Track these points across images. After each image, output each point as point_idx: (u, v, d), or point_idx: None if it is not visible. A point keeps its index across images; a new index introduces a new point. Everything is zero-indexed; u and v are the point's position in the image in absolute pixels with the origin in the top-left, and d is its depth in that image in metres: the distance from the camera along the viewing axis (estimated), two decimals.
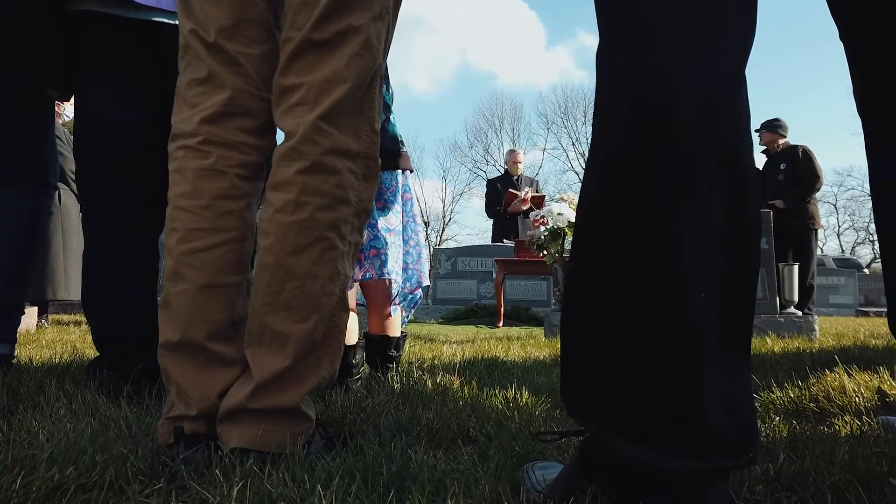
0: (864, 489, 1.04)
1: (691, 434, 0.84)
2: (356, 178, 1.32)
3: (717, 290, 0.86)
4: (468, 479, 1.06)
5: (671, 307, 0.85)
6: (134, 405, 1.68)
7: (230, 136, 1.32)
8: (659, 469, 0.83)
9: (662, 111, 0.88)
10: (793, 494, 1.07)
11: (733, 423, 0.85)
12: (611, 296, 0.89)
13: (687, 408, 0.84)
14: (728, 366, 0.87)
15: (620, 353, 0.88)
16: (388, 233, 2.21)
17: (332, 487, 0.97)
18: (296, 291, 1.25)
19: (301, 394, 1.25)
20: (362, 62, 1.30)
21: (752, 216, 0.91)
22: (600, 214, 0.92)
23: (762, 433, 1.49)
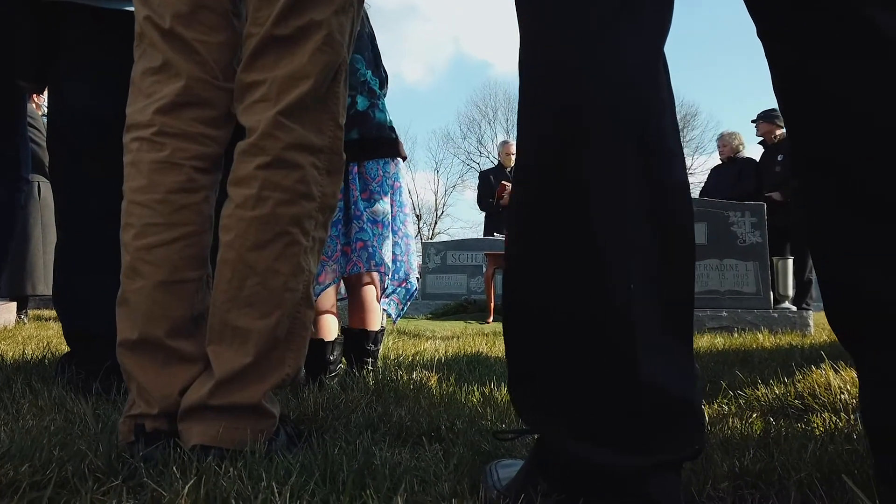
0: (828, 486, 1.05)
1: (630, 429, 0.85)
2: (319, 174, 1.33)
3: (648, 279, 0.88)
4: (428, 476, 1.07)
5: (600, 302, 0.87)
6: (102, 402, 1.69)
7: (186, 126, 1.32)
8: (601, 465, 0.84)
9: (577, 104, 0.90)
10: (757, 491, 1.08)
11: (675, 416, 0.87)
12: (543, 294, 0.91)
13: (624, 402, 0.85)
14: (667, 356, 0.88)
15: (557, 351, 0.89)
16: (375, 224, 2.21)
17: (289, 484, 0.98)
18: (257, 288, 1.26)
19: (263, 391, 1.26)
20: (325, 57, 1.31)
21: (677, 203, 0.92)
22: (527, 214, 0.94)
23: (737, 429, 1.51)
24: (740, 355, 3.19)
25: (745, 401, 2.00)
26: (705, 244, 5.52)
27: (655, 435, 0.86)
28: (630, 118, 0.90)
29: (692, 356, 0.95)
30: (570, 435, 0.87)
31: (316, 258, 1.36)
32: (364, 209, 2.20)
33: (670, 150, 0.94)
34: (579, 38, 0.92)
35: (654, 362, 0.86)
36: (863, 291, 0.96)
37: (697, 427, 0.90)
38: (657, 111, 0.93)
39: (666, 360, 0.88)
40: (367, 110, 2.20)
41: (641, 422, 0.85)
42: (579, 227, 0.88)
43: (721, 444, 1.35)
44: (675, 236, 0.93)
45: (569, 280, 0.89)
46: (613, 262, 0.87)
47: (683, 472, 1.14)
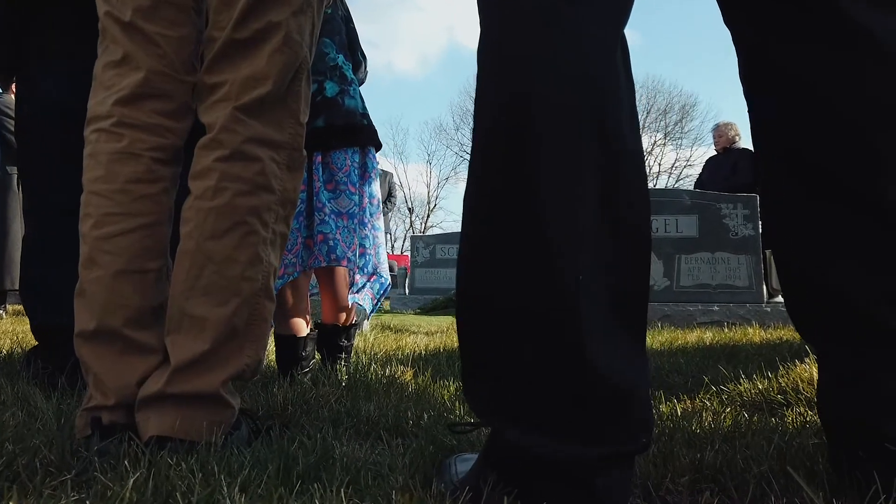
0: (786, 479, 1.07)
1: (575, 420, 0.86)
2: (279, 168, 1.37)
3: (599, 272, 0.89)
4: (384, 470, 1.09)
5: (549, 294, 0.88)
6: (67, 397, 1.70)
7: (145, 118, 1.34)
8: (545, 455, 0.86)
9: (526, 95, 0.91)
10: (716, 485, 1.10)
11: (621, 408, 0.88)
12: (494, 286, 0.92)
13: (570, 393, 0.87)
14: (616, 348, 0.89)
15: (506, 342, 0.90)
16: (339, 216, 2.20)
17: (239, 478, 1.00)
18: (214, 276, 1.29)
19: (220, 379, 1.27)
20: (283, 58, 1.36)
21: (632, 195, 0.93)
22: (479, 203, 0.95)
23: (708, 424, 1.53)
24: (728, 350, 3.21)
25: (727, 396, 2.02)
26: (696, 237, 5.54)
27: (601, 426, 0.87)
28: (583, 110, 0.91)
29: (643, 349, 0.97)
30: (517, 426, 0.89)
31: (277, 252, 1.39)
32: (327, 201, 2.18)
33: (625, 143, 0.94)
34: (530, 23, 0.93)
35: (602, 354, 0.88)
36: (824, 284, 0.97)
37: (645, 420, 0.91)
38: (613, 101, 0.94)
39: (614, 352, 0.89)
40: (336, 97, 2.18)
41: (587, 413, 0.87)
42: (529, 220, 0.89)
43: (688, 439, 1.37)
44: (630, 230, 0.94)
45: (518, 272, 0.90)
46: (563, 255, 0.88)
47: (643, 466, 1.16)
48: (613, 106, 0.94)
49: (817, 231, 0.98)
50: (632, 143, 0.96)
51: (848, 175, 0.94)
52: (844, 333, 0.96)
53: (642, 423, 0.90)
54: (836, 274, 0.95)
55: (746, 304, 5.27)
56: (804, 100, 0.97)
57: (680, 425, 1.49)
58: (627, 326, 0.93)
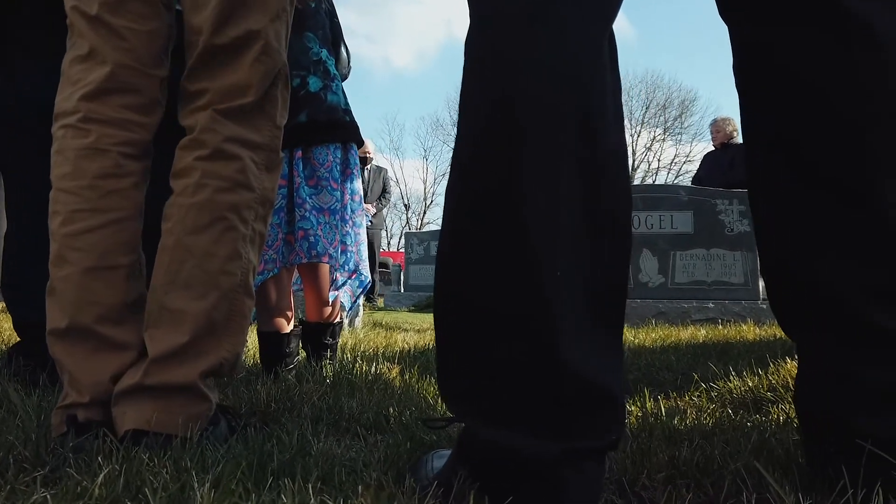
0: (760, 475, 1.08)
1: (546, 415, 0.87)
2: (258, 168, 1.41)
3: (578, 269, 0.90)
4: (358, 466, 1.10)
5: (527, 290, 0.89)
6: (48, 394, 1.70)
7: (113, 113, 1.35)
8: (513, 450, 0.87)
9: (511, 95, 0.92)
10: (692, 482, 1.11)
11: (593, 404, 0.89)
12: (472, 283, 0.93)
13: (541, 389, 0.88)
14: (591, 346, 0.90)
15: (482, 339, 0.92)
16: (320, 212, 2.21)
17: (211, 474, 1.00)
18: (194, 270, 1.31)
19: (198, 371, 1.29)
20: (264, 67, 1.41)
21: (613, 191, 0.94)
22: (460, 200, 0.96)
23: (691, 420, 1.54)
24: (720, 347, 3.23)
25: (717, 393, 2.03)
26: (691, 233, 5.55)
27: (571, 423, 0.88)
28: (568, 108, 0.91)
29: (619, 347, 0.98)
30: (489, 422, 0.90)
31: (256, 250, 1.42)
32: (308, 196, 2.19)
33: (609, 142, 0.95)
34: (517, 18, 0.94)
35: (576, 352, 0.88)
36: (808, 277, 0.98)
37: (616, 417, 0.92)
38: (599, 100, 0.94)
39: (589, 350, 0.90)
40: (319, 92, 2.19)
41: (558, 410, 0.88)
42: (510, 218, 0.90)
43: (668, 435, 1.38)
44: (610, 230, 0.95)
45: (497, 269, 0.91)
46: (543, 253, 0.89)
47: (619, 462, 1.17)
48: (598, 104, 0.94)
49: (802, 223, 0.98)
50: (615, 141, 0.97)
51: (838, 168, 0.94)
52: (827, 327, 0.97)
53: (613, 421, 0.91)
54: (820, 267, 0.96)
55: (742, 301, 5.29)
56: (797, 92, 0.97)
57: (662, 422, 1.50)
58: (604, 325, 0.94)
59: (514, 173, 0.90)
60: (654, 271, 5.58)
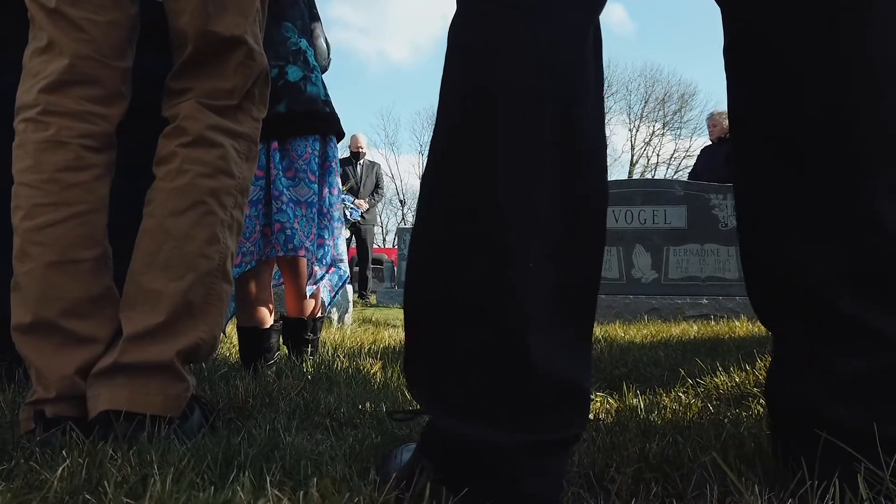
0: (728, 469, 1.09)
1: (508, 407, 0.88)
2: (239, 156, 1.45)
3: (551, 262, 0.90)
4: (325, 460, 1.11)
5: (498, 281, 0.89)
6: (24, 390, 1.71)
7: (73, 105, 1.36)
8: (474, 445, 0.87)
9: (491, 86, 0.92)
10: (660, 475, 1.12)
11: (557, 400, 0.89)
12: (444, 273, 0.93)
13: (505, 381, 0.88)
14: (561, 340, 0.91)
15: (450, 329, 0.92)
16: (298, 205, 2.21)
17: (173, 467, 1.01)
18: (173, 252, 1.34)
19: (174, 349, 1.31)
20: (247, 71, 1.47)
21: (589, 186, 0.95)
22: (436, 188, 0.96)
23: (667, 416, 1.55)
24: (710, 343, 3.24)
25: (703, 389, 2.04)
26: (685, 228, 5.56)
27: (533, 415, 0.88)
28: (548, 100, 0.92)
29: (588, 342, 0.98)
30: (450, 412, 0.90)
31: (234, 237, 1.44)
32: (285, 189, 2.19)
33: (588, 136, 0.95)
34: (501, 6, 0.94)
35: (543, 346, 0.89)
36: (780, 262, 0.98)
37: (579, 411, 0.93)
38: (580, 92, 0.94)
39: (556, 344, 0.90)
40: (299, 82, 2.19)
41: (521, 401, 0.88)
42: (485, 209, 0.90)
43: (643, 430, 1.39)
44: (585, 225, 0.95)
45: (469, 260, 0.91)
46: (517, 244, 0.89)
47: (589, 456, 1.18)
48: (580, 98, 0.94)
49: (778, 209, 0.98)
50: (595, 136, 0.97)
51: (819, 155, 0.94)
52: (800, 316, 0.97)
53: (576, 415, 0.92)
54: (794, 255, 0.96)
55: (736, 297, 5.29)
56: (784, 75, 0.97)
57: (636, 416, 1.51)
58: (573, 319, 0.94)
59: (493, 163, 0.90)
60: (647, 267, 5.59)
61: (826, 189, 0.94)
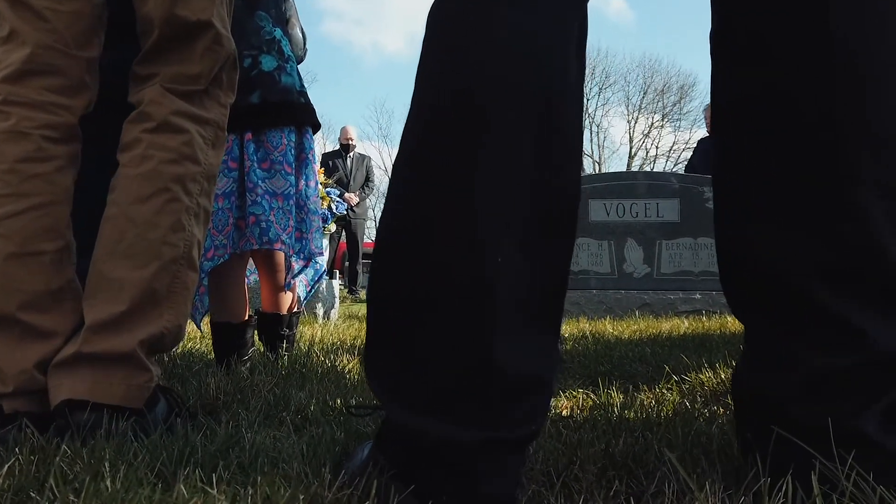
0: (693, 465, 1.10)
1: (467, 404, 0.88)
2: (205, 143, 1.46)
3: (521, 257, 0.90)
4: (282, 457, 1.11)
5: (464, 274, 0.89)
6: None
7: (35, 95, 1.36)
8: (429, 440, 0.87)
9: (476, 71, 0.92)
10: (624, 472, 1.13)
11: (519, 395, 0.90)
12: (411, 264, 0.93)
13: (464, 377, 0.88)
14: (526, 337, 0.91)
15: (412, 322, 0.92)
16: (273, 197, 2.20)
17: (124, 464, 1.02)
18: (136, 240, 1.35)
19: (137, 339, 1.32)
20: (214, 55, 1.48)
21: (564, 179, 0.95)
22: (408, 176, 0.96)
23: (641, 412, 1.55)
24: (700, 339, 3.24)
25: (688, 385, 2.05)
26: (678, 222, 5.56)
27: (492, 412, 0.88)
28: (527, 91, 0.92)
29: (554, 339, 0.98)
30: (407, 407, 0.90)
31: (202, 225, 1.46)
32: (260, 181, 2.18)
33: (566, 129, 0.95)
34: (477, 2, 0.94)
35: (508, 340, 0.88)
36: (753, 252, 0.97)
37: (539, 409, 0.93)
38: (560, 84, 0.94)
39: (522, 339, 0.90)
40: (273, 72, 2.19)
41: (480, 397, 0.88)
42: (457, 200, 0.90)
43: (615, 427, 1.40)
44: (557, 219, 0.95)
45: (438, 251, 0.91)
46: (488, 238, 0.89)
47: (553, 453, 1.19)
48: (560, 90, 0.94)
49: (756, 199, 0.97)
50: (573, 130, 0.97)
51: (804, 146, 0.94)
52: (772, 307, 0.97)
53: (536, 413, 0.92)
54: (768, 244, 0.95)
55: None
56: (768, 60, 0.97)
57: (611, 413, 1.52)
58: (540, 315, 0.94)
59: (469, 153, 0.90)
60: (639, 261, 5.59)
61: (809, 179, 0.93)
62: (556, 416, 1.53)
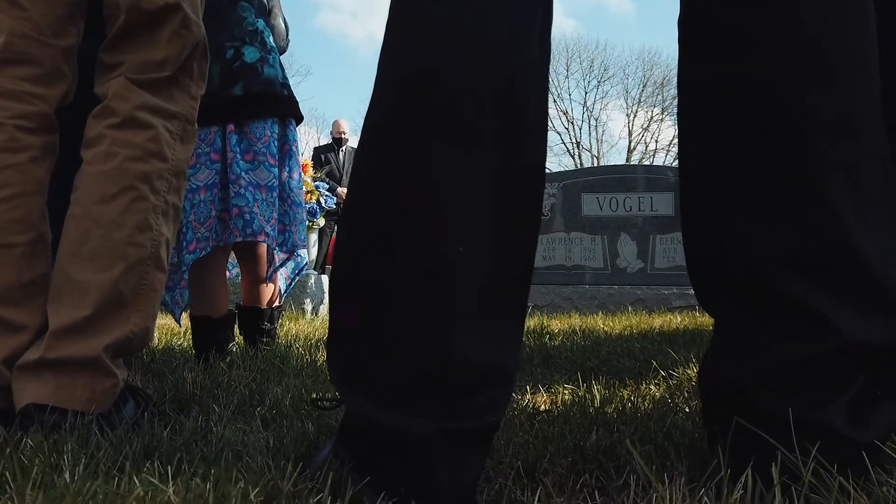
0: (664, 459, 1.10)
1: (425, 394, 0.88)
2: (172, 138, 1.44)
3: (483, 246, 0.90)
4: (247, 451, 1.11)
5: (425, 263, 0.89)
6: None
7: (8, 84, 1.36)
8: (389, 432, 0.88)
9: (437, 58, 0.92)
10: (594, 466, 1.13)
11: (479, 386, 0.90)
12: (371, 253, 0.93)
13: (425, 366, 0.88)
14: (488, 327, 0.91)
15: (373, 311, 0.92)
16: (257, 188, 2.21)
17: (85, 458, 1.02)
18: (101, 241, 1.33)
19: (103, 344, 1.31)
20: (181, 40, 1.45)
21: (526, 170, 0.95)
22: (371, 165, 0.96)
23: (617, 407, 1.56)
24: (691, 334, 3.25)
25: (676, 381, 2.05)
26: (672, 216, 5.57)
27: (451, 402, 0.88)
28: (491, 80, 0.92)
29: (518, 329, 0.98)
30: (367, 398, 0.90)
31: (170, 223, 1.43)
32: (243, 172, 2.19)
33: (529, 119, 0.95)
34: None
35: (468, 329, 0.88)
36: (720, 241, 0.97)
37: (500, 399, 0.93)
38: (523, 73, 0.94)
39: (483, 330, 0.90)
40: (256, 63, 2.19)
41: (439, 387, 0.88)
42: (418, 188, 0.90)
43: (591, 421, 1.40)
44: (520, 210, 0.95)
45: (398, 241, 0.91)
46: (449, 226, 0.89)
47: (524, 447, 1.19)
48: (523, 77, 0.94)
49: (723, 189, 0.97)
50: (536, 117, 0.97)
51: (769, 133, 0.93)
52: (739, 298, 0.97)
53: (495, 404, 0.92)
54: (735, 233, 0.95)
55: None
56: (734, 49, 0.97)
57: (587, 408, 1.53)
58: (502, 306, 0.94)
59: (430, 136, 0.90)
60: (632, 256, 5.59)
61: (777, 169, 0.93)
62: (533, 411, 1.54)
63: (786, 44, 0.94)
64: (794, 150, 0.93)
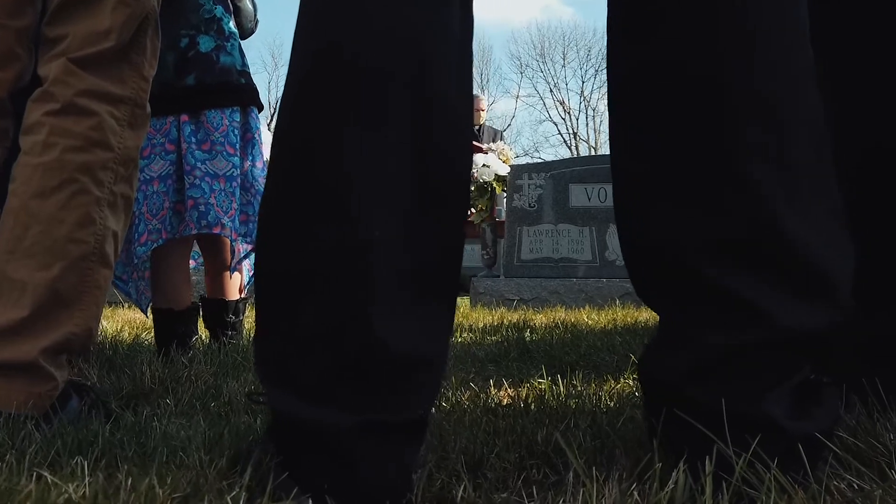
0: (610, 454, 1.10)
1: (345, 385, 0.87)
2: (119, 124, 1.39)
3: (400, 232, 0.90)
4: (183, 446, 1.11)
5: (342, 249, 0.88)
6: None
7: None
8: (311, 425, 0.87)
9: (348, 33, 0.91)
10: (544, 461, 1.13)
11: (402, 379, 0.89)
12: (287, 240, 0.92)
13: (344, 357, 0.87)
14: (411, 316, 0.90)
15: (292, 299, 0.91)
16: (214, 178, 2.19)
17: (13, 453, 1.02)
18: (39, 237, 1.30)
19: (40, 348, 1.28)
20: (126, 10, 1.38)
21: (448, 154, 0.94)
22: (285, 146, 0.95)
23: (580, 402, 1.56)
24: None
25: None
26: None
27: (372, 394, 0.88)
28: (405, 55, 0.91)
29: (446, 317, 0.98)
30: (288, 391, 0.90)
31: (118, 214, 1.40)
32: (199, 163, 2.18)
33: (447, 100, 0.94)
34: None
35: (389, 318, 0.88)
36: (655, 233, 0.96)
37: (427, 389, 0.93)
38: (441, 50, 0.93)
39: (406, 319, 0.90)
40: (211, 52, 2.18)
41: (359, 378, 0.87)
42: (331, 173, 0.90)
43: (548, 415, 1.40)
44: (443, 189, 0.95)
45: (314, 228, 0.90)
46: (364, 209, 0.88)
47: (470, 442, 1.19)
48: (441, 49, 0.93)
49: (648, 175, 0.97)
50: (457, 93, 0.95)
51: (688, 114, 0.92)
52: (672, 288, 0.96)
53: (420, 394, 0.92)
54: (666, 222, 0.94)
55: None
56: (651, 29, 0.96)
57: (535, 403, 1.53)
58: (426, 293, 0.94)
59: (339, 125, 0.90)
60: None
61: (698, 152, 0.92)
62: (494, 405, 1.54)
63: (702, 21, 0.92)
64: (711, 130, 0.91)
